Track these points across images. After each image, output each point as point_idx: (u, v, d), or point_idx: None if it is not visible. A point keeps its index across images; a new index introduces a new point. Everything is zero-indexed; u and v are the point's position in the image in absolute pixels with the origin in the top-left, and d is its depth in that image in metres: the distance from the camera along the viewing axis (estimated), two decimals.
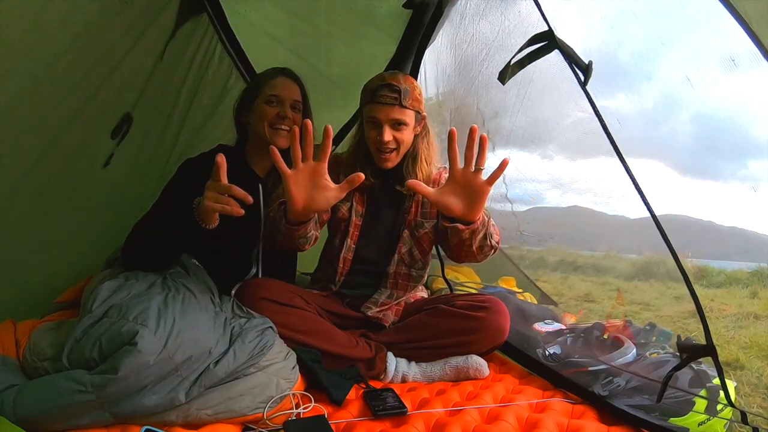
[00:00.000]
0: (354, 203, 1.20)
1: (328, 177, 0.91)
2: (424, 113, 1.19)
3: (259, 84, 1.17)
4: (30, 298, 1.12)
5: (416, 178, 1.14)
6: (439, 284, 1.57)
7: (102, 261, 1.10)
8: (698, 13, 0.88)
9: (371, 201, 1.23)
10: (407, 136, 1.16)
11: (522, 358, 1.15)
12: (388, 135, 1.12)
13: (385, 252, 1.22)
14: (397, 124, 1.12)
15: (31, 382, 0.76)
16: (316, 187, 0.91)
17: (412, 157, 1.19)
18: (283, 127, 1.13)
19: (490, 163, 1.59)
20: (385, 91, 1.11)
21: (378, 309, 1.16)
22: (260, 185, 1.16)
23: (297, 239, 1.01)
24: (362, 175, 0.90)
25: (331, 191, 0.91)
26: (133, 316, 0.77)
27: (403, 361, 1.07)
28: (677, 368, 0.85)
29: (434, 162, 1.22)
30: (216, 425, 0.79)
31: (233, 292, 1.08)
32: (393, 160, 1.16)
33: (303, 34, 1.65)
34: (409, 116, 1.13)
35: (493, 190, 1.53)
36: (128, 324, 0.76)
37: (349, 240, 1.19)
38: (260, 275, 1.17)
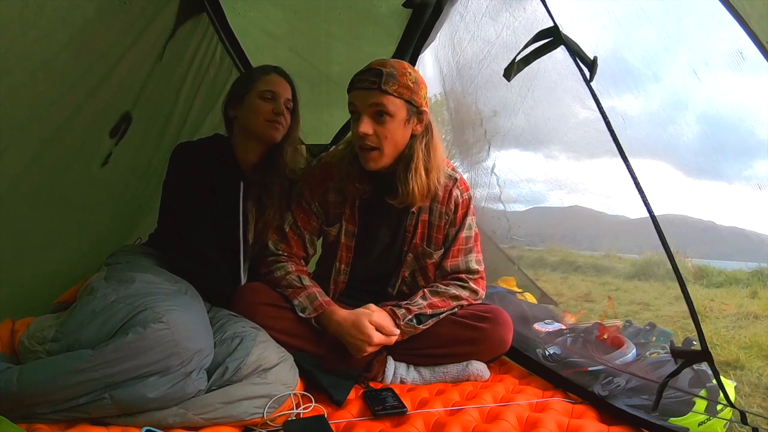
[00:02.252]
0: (344, 223, 1.09)
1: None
2: (425, 108, 1.00)
3: (252, 78, 1.13)
4: (28, 298, 1.12)
5: (409, 188, 0.99)
6: None
7: (101, 261, 1.10)
8: (706, 13, 0.87)
9: (365, 216, 1.09)
10: (393, 130, 0.97)
11: (522, 359, 1.14)
12: (365, 126, 0.94)
13: (385, 272, 1.13)
14: (379, 114, 0.95)
15: (33, 362, 0.76)
16: None
17: (405, 165, 1.00)
18: (278, 121, 1.10)
19: (488, 163, 1.59)
20: (365, 75, 0.96)
21: None
22: (242, 182, 1.13)
23: None
24: None
25: None
26: (143, 301, 0.79)
27: (402, 366, 1.05)
28: (673, 374, 0.84)
29: (437, 170, 1.03)
30: (217, 426, 0.79)
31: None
32: (376, 161, 0.98)
33: (302, 33, 1.65)
34: (393, 104, 0.95)
35: (488, 191, 1.53)
36: (140, 307, 0.78)
37: (338, 263, 1.11)
38: (244, 280, 1.12)
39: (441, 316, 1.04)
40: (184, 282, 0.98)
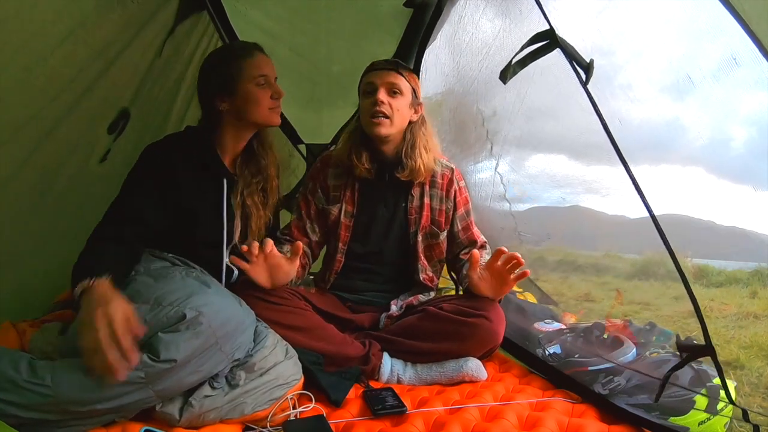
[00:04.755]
0: (344, 204, 1.19)
1: (278, 256, 1.00)
2: (421, 99, 1.20)
3: (238, 65, 1.03)
4: (27, 295, 1.11)
5: (415, 165, 1.15)
6: (443, 283, 1.55)
7: None
8: (700, 12, 0.88)
9: (363, 198, 1.20)
10: (402, 106, 1.14)
11: (523, 355, 1.14)
12: (382, 95, 1.11)
13: (384, 252, 1.21)
14: (393, 90, 1.13)
15: (64, 361, 0.72)
16: (272, 268, 1.00)
17: (410, 143, 1.18)
18: (278, 105, 1.09)
19: (489, 164, 1.59)
20: (382, 61, 1.18)
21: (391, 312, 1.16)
22: (224, 180, 1.07)
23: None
24: (301, 245, 0.99)
25: (285, 266, 1.00)
26: (174, 300, 0.77)
27: (399, 363, 1.05)
28: (676, 368, 0.84)
29: (434, 151, 1.20)
30: (217, 425, 0.79)
31: None
32: (387, 128, 1.13)
33: (303, 32, 1.65)
34: (404, 85, 1.14)
35: (492, 189, 1.53)
36: (174, 309, 0.75)
37: (338, 243, 1.19)
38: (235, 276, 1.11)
39: None
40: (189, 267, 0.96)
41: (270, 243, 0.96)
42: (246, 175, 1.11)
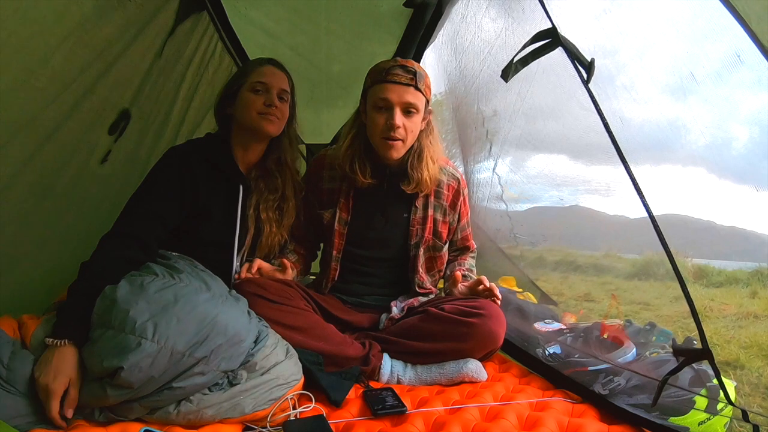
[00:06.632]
0: (338, 211, 1.16)
1: (270, 269, 1.11)
2: (431, 107, 1.13)
3: (244, 73, 1.10)
4: (27, 295, 1.11)
5: (422, 177, 1.11)
6: (442, 283, 1.55)
7: None
8: (701, 13, 0.88)
9: (359, 205, 1.16)
10: (415, 125, 1.08)
11: (522, 356, 1.14)
12: (399, 118, 1.03)
13: (383, 260, 1.20)
14: (409, 110, 1.05)
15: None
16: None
17: (417, 153, 1.12)
18: (271, 113, 1.06)
19: (488, 164, 1.59)
20: (399, 71, 1.05)
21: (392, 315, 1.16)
22: (240, 186, 1.10)
23: None
24: (287, 263, 1.11)
25: (279, 276, 1.09)
26: (129, 327, 0.74)
27: (399, 364, 1.04)
28: (674, 372, 0.84)
29: (440, 160, 1.16)
30: (216, 425, 0.79)
31: None
32: (399, 150, 1.08)
33: (303, 32, 1.65)
34: (420, 102, 1.07)
35: (489, 190, 1.54)
36: (126, 336, 0.73)
37: (332, 250, 1.17)
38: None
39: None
40: (187, 271, 0.94)
41: (257, 263, 1.06)
42: (261, 189, 1.12)
